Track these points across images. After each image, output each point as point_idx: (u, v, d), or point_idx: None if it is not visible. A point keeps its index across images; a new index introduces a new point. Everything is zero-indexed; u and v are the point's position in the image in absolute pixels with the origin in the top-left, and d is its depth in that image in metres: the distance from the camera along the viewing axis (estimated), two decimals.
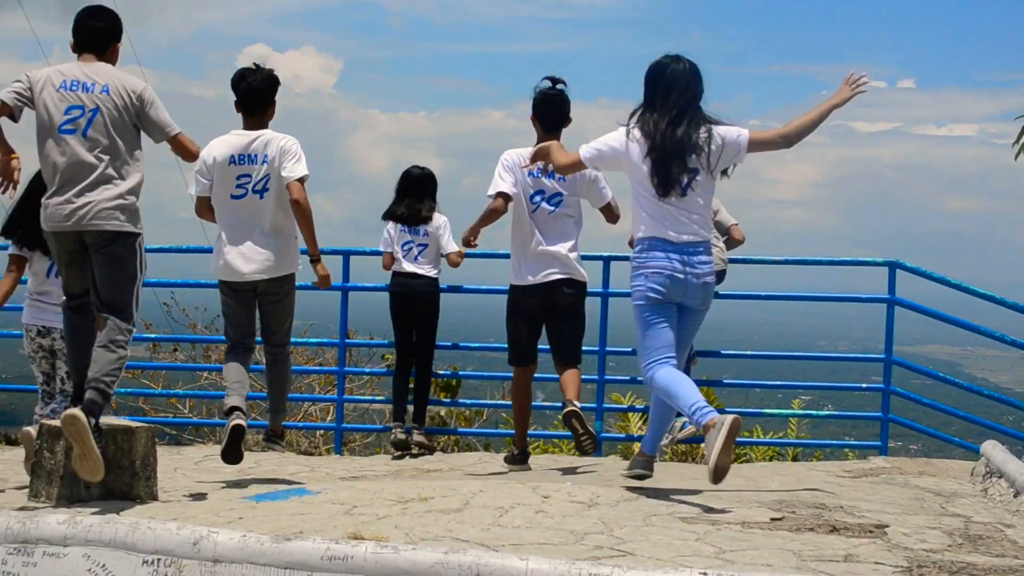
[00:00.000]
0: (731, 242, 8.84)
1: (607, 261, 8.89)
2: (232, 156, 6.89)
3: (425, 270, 8.55)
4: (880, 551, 4.82)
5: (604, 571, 3.93)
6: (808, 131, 6.10)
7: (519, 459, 7.77)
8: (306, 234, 6.93)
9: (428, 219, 8.56)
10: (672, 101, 6.04)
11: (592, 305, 7.88)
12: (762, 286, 9.76)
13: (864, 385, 9.54)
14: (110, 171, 5.99)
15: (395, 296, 8.64)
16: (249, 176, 6.85)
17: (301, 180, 6.84)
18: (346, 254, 9.22)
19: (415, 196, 8.64)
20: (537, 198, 7.32)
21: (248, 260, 6.90)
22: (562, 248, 7.32)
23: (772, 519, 5.45)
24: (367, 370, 10.93)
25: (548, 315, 7.41)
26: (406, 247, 8.57)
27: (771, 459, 9.99)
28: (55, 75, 6.06)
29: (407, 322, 8.68)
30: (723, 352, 9.75)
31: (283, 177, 6.82)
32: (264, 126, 6.99)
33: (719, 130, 6.10)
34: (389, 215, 8.66)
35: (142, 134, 6.15)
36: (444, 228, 8.59)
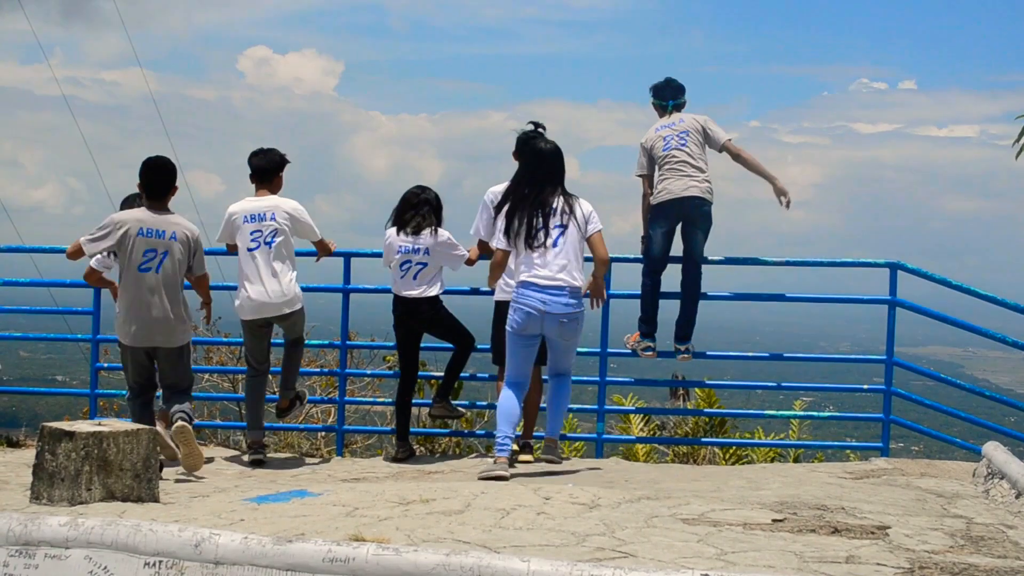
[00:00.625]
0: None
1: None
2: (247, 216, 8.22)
3: (424, 291, 8.37)
4: (882, 552, 4.82)
5: (606, 573, 3.93)
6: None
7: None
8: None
9: (428, 230, 8.32)
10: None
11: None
12: (763, 287, 9.77)
13: (866, 386, 9.54)
14: None
15: (399, 319, 8.50)
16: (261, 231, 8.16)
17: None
18: (347, 256, 9.22)
19: (416, 210, 8.42)
20: None
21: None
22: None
23: (774, 520, 5.45)
24: (368, 372, 10.94)
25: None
26: (405, 267, 8.35)
27: (772, 460, 9.99)
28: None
29: (412, 344, 8.62)
30: (724, 353, 9.74)
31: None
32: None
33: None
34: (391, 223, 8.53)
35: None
36: (446, 245, 8.37)
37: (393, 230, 8.44)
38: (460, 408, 8.94)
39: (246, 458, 8.42)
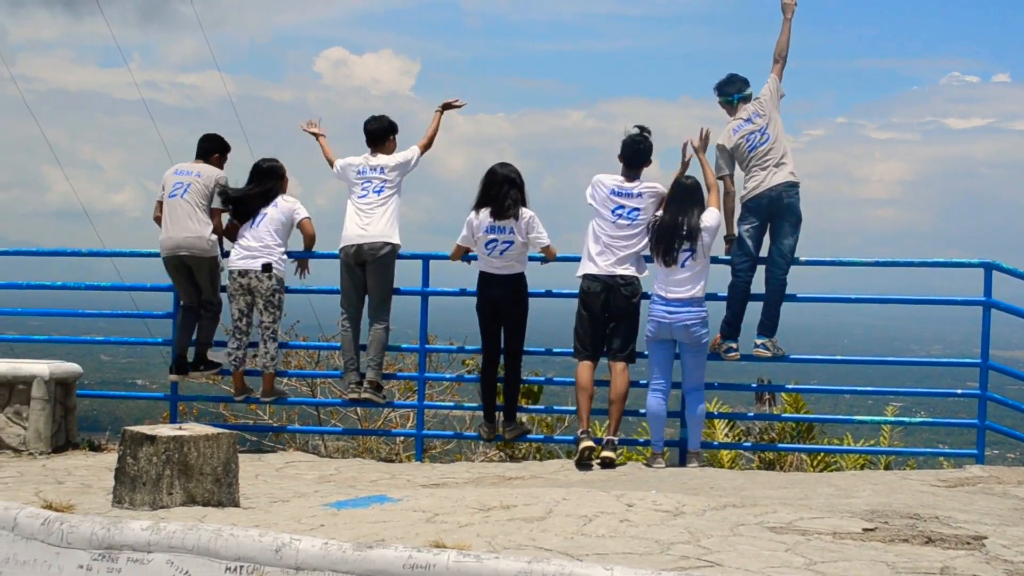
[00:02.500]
0: None
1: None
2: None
3: (511, 268, 8.69)
4: (978, 564, 4.74)
5: None
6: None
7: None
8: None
9: (514, 214, 8.58)
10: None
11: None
12: (851, 288, 9.63)
13: (959, 391, 9.37)
14: None
15: (482, 293, 8.80)
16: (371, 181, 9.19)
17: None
18: (425, 258, 9.27)
19: (500, 190, 8.66)
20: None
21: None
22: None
23: (864, 530, 5.39)
24: (447, 376, 10.97)
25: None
26: (491, 246, 8.65)
27: (862, 467, 9.87)
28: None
29: (495, 319, 8.82)
30: (811, 357, 9.62)
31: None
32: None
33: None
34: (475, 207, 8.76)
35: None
36: (532, 223, 8.64)
37: (474, 213, 8.72)
38: (526, 423, 9.34)
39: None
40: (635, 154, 8.64)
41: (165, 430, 6.40)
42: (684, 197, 8.45)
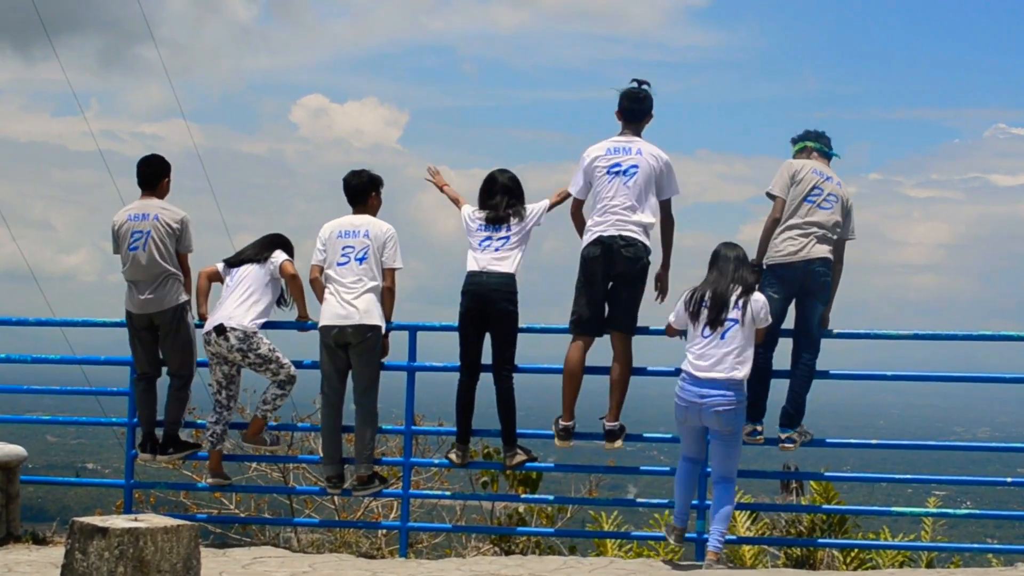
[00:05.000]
0: None
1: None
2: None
3: (501, 264, 8.78)
4: None
5: None
6: None
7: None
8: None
9: (510, 217, 8.87)
10: None
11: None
12: (887, 364, 9.67)
13: (1009, 479, 9.37)
14: None
15: (466, 299, 8.85)
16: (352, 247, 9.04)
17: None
18: (412, 329, 9.28)
19: (500, 201, 8.94)
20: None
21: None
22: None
23: None
24: (436, 461, 10.91)
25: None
26: (484, 243, 8.84)
27: (901, 565, 9.81)
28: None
29: (478, 331, 8.87)
30: (843, 440, 9.61)
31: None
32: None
33: None
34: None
35: None
36: (530, 221, 8.93)
37: (474, 208, 9.07)
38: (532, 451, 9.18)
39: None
40: (633, 108, 8.83)
41: (119, 521, 6.36)
42: (733, 270, 8.39)
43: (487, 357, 8.91)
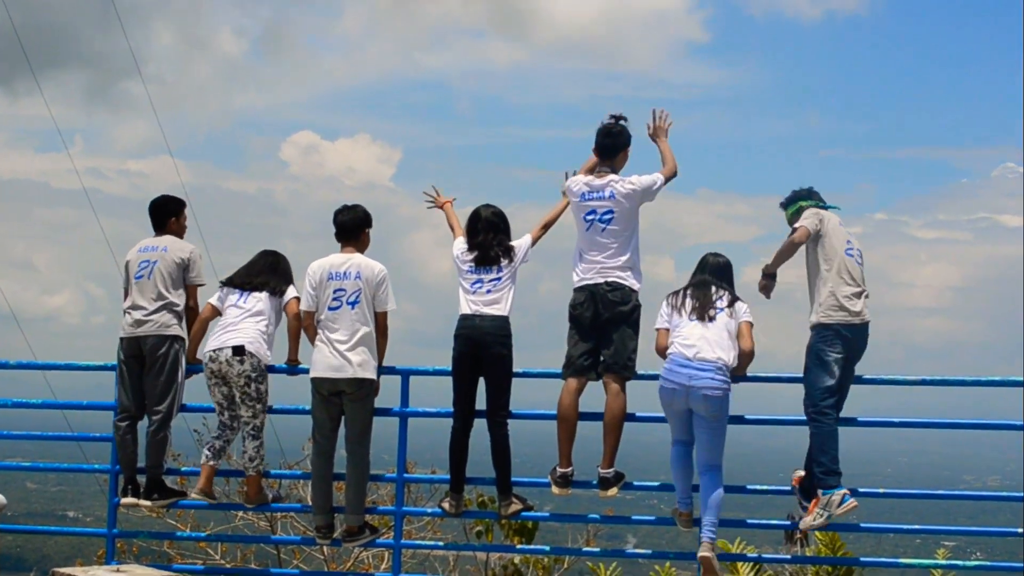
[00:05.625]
0: None
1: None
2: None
3: (494, 306, 8.75)
4: None
5: None
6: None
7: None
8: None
9: (500, 257, 8.83)
10: None
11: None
12: (895, 410, 9.64)
13: (1021, 530, 9.32)
14: None
15: (460, 342, 8.79)
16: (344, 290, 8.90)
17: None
18: (405, 374, 9.24)
19: (485, 238, 8.88)
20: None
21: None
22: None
23: None
24: (429, 510, 10.86)
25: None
26: (476, 285, 8.79)
27: None
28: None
29: (472, 375, 8.79)
30: (850, 489, 9.56)
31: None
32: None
33: None
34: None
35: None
36: (519, 259, 8.90)
37: (465, 247, 8.99)
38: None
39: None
40: (606, 144, 8.83)
41: (100, 572, 6.34)
42: (718, 273, 8.72)
43: (481, 402, 8.88)
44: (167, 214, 9.54)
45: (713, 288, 8.60)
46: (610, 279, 8.56)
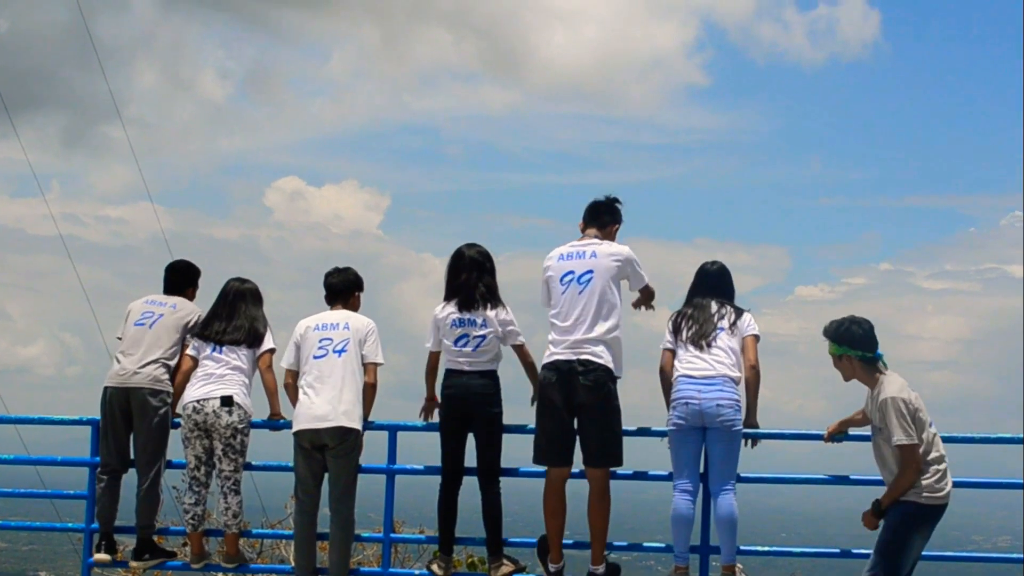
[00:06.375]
0: None
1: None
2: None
3: (483, 364, 8.69)
4: None
5: None
6: None
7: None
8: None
9: (484, 305, 8.71)
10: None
11: None
12: None
13: None
14: None
15: (447, 399, 8.75)
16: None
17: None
18: (392, 429, 9.22)
19: (469, 277, 8.80)
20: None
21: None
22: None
23: None
24: (416, 572, 10.78)
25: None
26: (461, 341, 8.69)
27: None
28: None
29: (460, 432, 8.76)
30: (856, 550, 9.54)
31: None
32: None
33: None
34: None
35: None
36: (505, 322, 8.74)
37: (440, 307, 8.84)
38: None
39: None
40: (594, 211, 8.76)
41: None
42: (714, 283, 8.87)
43: (471, 459, 8.83)
44: (187, 281, 9.71)
45: (714, 307, 8.68)
46: (583, 355, 8.29)
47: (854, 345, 8.00)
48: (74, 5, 20.22)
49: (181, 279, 9.66)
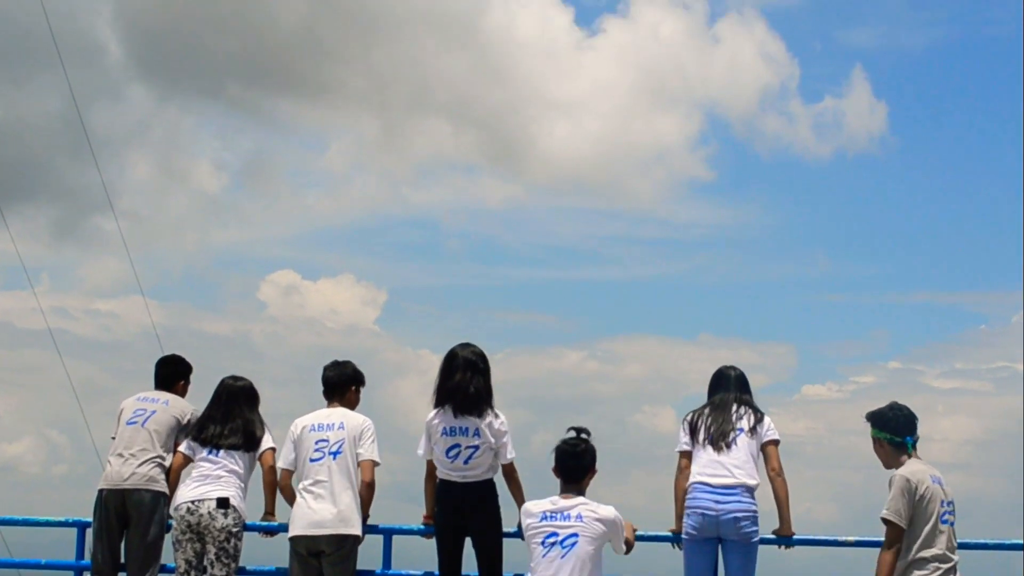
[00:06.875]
0: None
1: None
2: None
3: (478, 476, 8.57)
4: None
5: None
6: None
7: None
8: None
9: (478, 411, 8.53)
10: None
11: None
12: None
13: None
14: None
15: (443, 509, 8.65)
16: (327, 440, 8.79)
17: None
18: (388, 533, 9.15)
19: (462, 379, 8.60)
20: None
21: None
22: None
23: None
24: None
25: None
26: (453, 452, 8.54)
27: None
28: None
29: (457, 544, 8.67)
30: None
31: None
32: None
33: None
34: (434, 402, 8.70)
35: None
36: (500, 433, 8.56)
37: (432, 413, 8.65)
38: None
39: None
40: (571, 466, 7.85)
41: None
42: (735, 386, 8.85)
43: (469, 564, 8.74)
44: (178, 375, 9.70)
45: (734, 407, 8.70)
46: None
47: (884, 428, 7.94)
48: (67, 94, 20.36)
49: (172, 373, 9.66)
